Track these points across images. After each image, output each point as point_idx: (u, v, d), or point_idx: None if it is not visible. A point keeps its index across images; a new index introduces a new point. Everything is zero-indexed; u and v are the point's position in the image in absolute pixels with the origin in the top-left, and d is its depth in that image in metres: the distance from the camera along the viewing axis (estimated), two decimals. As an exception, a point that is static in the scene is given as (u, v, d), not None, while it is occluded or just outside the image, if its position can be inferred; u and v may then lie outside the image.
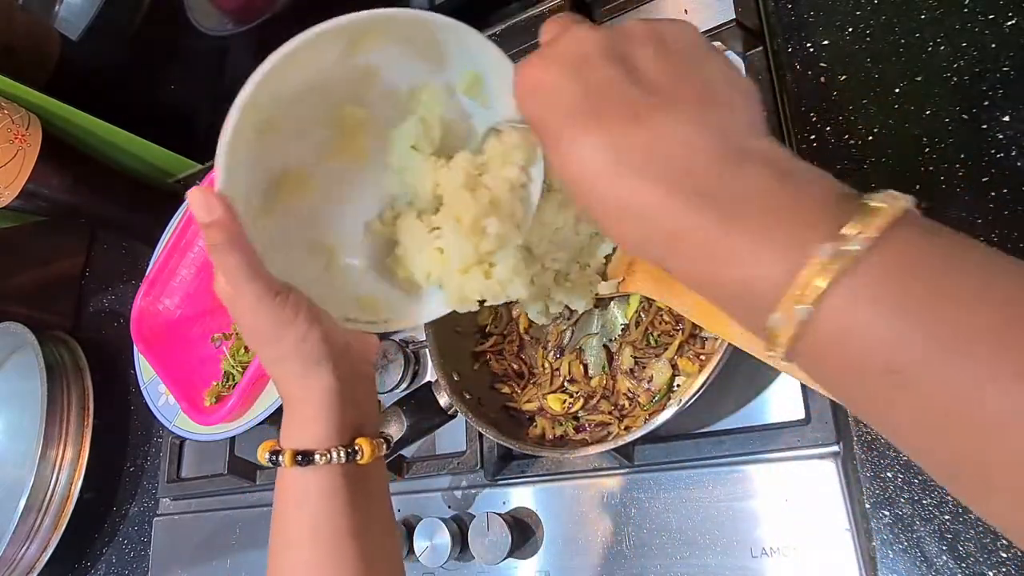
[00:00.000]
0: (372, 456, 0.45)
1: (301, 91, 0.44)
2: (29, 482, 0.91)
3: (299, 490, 0.45)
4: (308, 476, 0.44)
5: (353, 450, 0.44)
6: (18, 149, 0.90)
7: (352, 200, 0.50)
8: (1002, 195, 0.54)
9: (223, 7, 0.96)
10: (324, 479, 0.44)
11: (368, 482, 0.46)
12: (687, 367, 0.61)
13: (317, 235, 0.50)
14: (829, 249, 0.25)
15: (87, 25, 0.98)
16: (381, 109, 0.48)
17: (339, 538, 0.44)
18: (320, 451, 0.44)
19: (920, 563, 0.52)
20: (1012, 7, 0.57)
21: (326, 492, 0.44)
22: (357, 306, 0.49)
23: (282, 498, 0.46)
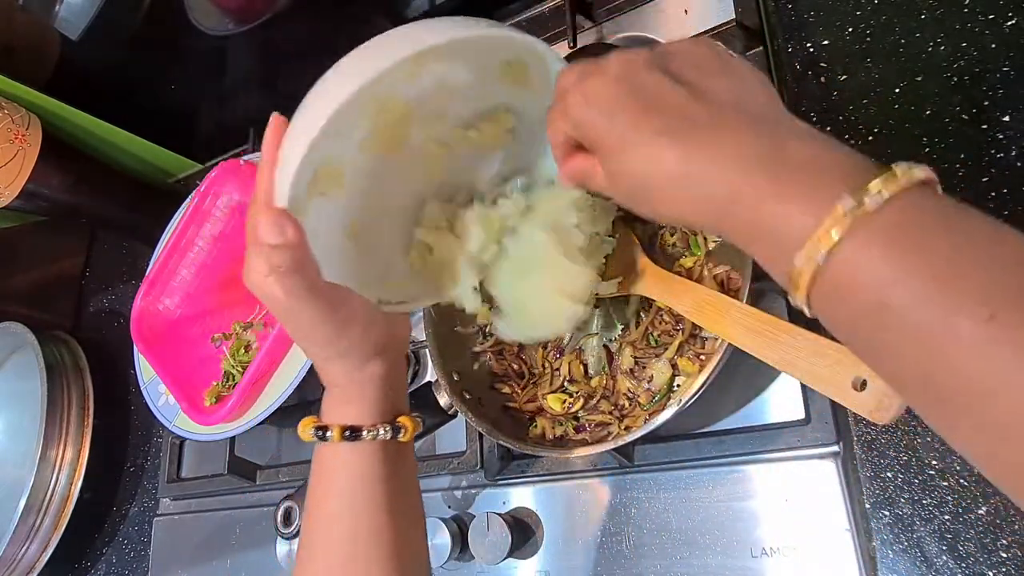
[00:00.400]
0: (413, 433, 0.48)
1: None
2: (29, 482, 0.91)
3: (340, 465, 0.47)
4: (352, 451, 0.46)
5: (397, 427, 0.47)
6: (18, 149, 0.90)
7: (386, 189, 0.51)
8: (1002, 195, 0.54)
9: (223, 7, 0.96)
10: (367, 455, 0.46)
11: (405, 460, 0.49)
12: (687, 367, 0.61)
13: (351, 224, 0.50)
14: (850, 202, 0.29)
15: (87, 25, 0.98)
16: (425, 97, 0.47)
17: (378, 512, 0.46)
18: (367, 427, 0.46)
19: (920, 563, 0.52)
20: (1012, 7, 0.57)
21: (368, 467, 0.46)
22: (386, 287, 0.51)
23: (323, 474, 0.48)
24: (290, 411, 0.84)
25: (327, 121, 0.40)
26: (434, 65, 0.44)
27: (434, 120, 0.49)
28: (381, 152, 0.48)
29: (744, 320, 0.52)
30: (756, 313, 0.52)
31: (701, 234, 0.63)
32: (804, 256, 0.31)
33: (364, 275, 0.50)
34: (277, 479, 0.85)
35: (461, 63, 0.45)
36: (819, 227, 0.30)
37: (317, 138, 0.40)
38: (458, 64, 0.45)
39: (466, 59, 0.45)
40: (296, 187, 0.42)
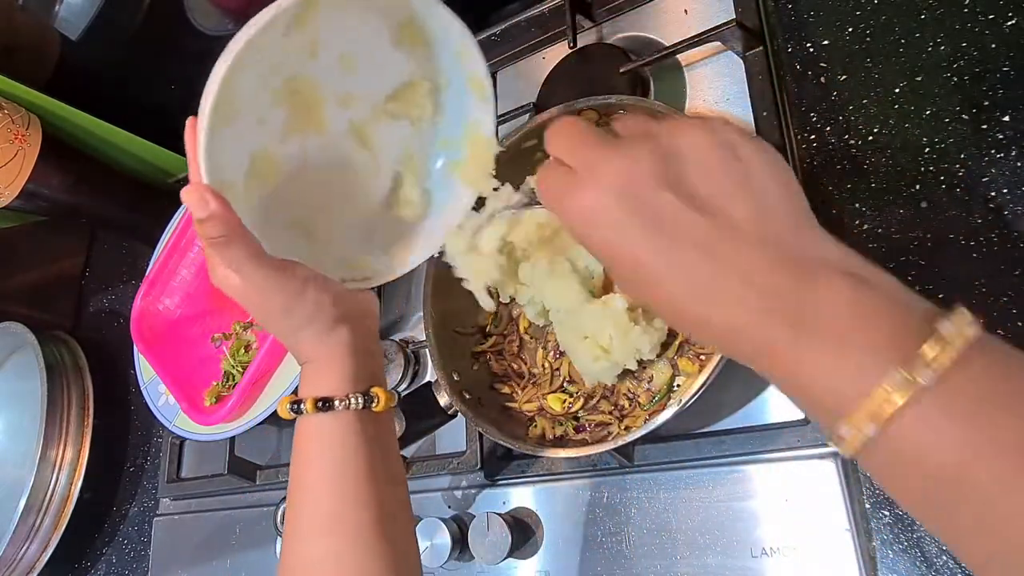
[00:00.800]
0: (387, 403, 0.48)
1: (253, 78, 0.46)
2: (29, 482, 0.91)
3: (318, 436, 0.47)
4: (327, 422, 0.47)
5: (370, 396, 0.47)
6: (18, 149, 0.90)
7: (323, 171, 0.52)
8: (1002, 195, 0.54)
9: (223, 7, 0.96)
10: (343, 424, 0.47)
11: (381, 430, 0.49)
12: (687, 367, 0.61)
13: (298, 210, 0.52)
14: (901, 376, 0.27)
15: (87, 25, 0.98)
16: (332, 76, 0.49)
17: (357, 481, 0.46)
18: (340, 397, 0.47)
19: (920, 563, 0.52)
20: (1012, 7, 0.57)
21: (344, 437, 0.47)
22: (347, 267, 0.52)
23: (301, 446, 0.48)
24: (290, 411, 0.84)
25: (217, 89, 0.42)
26: (321, 32, 0.46)
27: (348, 99, 0.50)
28: (304, 135, 0.50)
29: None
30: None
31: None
32: (852, 427, 0.29)
33: (320, 258, 0.51)
34: (277, 479, 0.85)
35: (350, 28, 0.46)
36: (867, 399, 0.28)
37: (214, 106, 0.42)
38: (347, 27, 0.46)
39: (350, 23, 0.46)
40: (210, 160, 0.43)
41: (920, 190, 0.57)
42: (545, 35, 0.81)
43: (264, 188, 0.49)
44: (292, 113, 0.49)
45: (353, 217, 0.54)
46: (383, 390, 0.48)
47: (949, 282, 0.55)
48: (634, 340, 0.58)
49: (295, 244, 0.50)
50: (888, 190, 0.59)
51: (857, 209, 0.60)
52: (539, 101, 0.76)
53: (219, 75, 0.41)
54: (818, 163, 0.62)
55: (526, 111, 0.76)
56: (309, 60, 0.47)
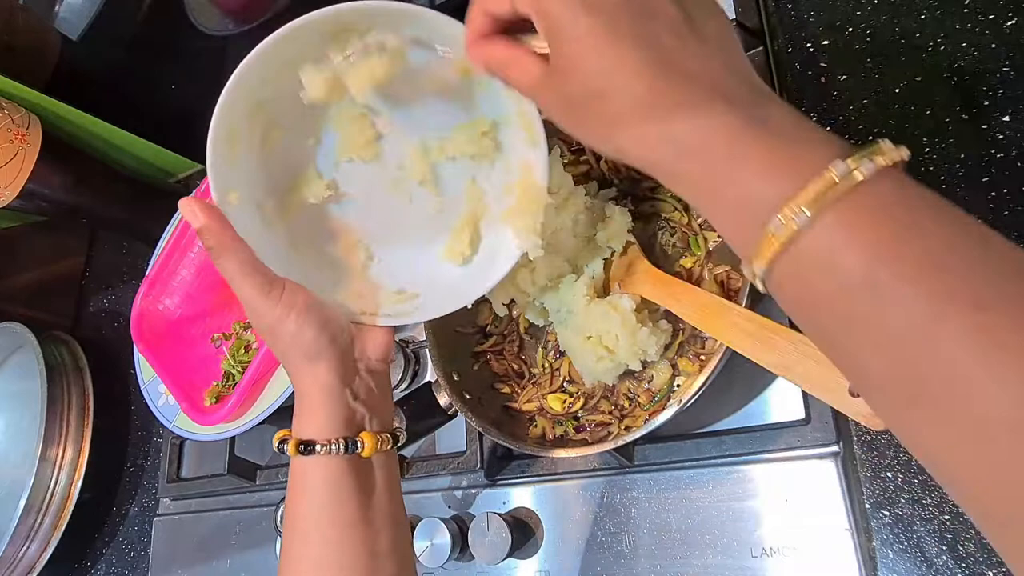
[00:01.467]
0: (373, 450, 0.47)
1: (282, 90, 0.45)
2: (29, 482, 0.91)
3: (306, 478, 0.46)
4: (311, 465, 0.46)
5: (354, 443, 0.46)
6: (18, 149, 0.90)
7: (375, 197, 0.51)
8: (1002, 195, 0.54)
9: (223, 7, 0.97)
10: (327, 469, 0.46)
11: (372, 475, 0.48)
12: (687, 367, 0.61)
13: (333, 234, 0.51)
14: (841, 168, 0.28)
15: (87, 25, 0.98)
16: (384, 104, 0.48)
17: (343, 528, 0.45)
18: (321, 442, 0.45)
19: (920, 563, 0.52)
20: (1012, 7, 0.57)
21: (329, 482, 0.46)
22: (365, 301, 0.51)
23: (291, 484, 0.48)
24: (290, 411, 0.84)
25: (213, 132, 0.43)
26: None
27: (407, 132, 0.50)
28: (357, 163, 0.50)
29: (742, 324, 0.52)
30: (754, 317, 0.52)
31: (701, 234, 0.63)
32: (780, 221, 0.28)
33: (340, 285, 0.50)
34: (277, 479, 0.85)
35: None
36: (803, 191, 0.28)
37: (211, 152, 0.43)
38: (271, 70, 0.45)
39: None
40: (218, 181, 0.44)
41: (920, 190, 0.57)
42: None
43: (306, 205, 0.49)
44: (344, 138, 0.48)
45: (392, 251, 0.53)
46: (371, 435, 0.46)
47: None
48: (641, 341, 0.58)
49: (315, 269, 0.50)
50: (888, 190, 0.59)
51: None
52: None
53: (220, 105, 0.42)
54: (818, 163, 0.62)
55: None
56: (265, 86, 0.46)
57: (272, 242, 0.48)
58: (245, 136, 0.46)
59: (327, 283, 0.50)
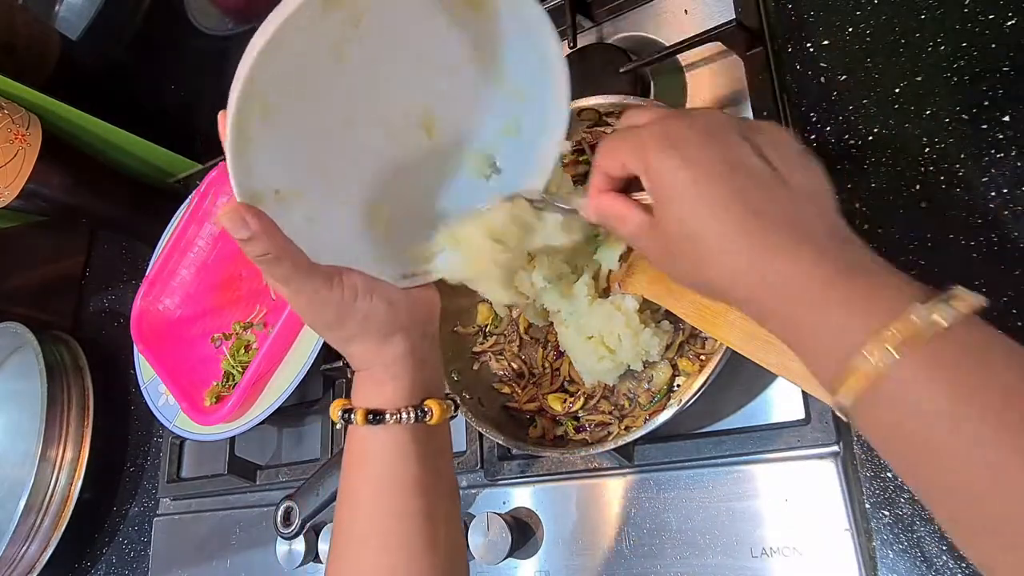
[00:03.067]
0: (441, 417, 0.47)
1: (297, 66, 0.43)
2: (29, 482, 0.91)
3: (369, 448, 0.46)
4: (378, 435, 0.46)
5: (423, 411, 0.46)
6: (18, 149, 0.90)
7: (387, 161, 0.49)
8: (1002, 195, 0.54)
9: (223, 7, 0.97)
10: (394, 438, 0.46)
11: (434, 441, 0.48)
12: (687, 367, 0.61)
13: (359, 199, 0.49)
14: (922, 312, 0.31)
15: (87, 25, 0.98)
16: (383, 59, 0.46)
17: (406, 494, 0.45)
18: (391, 411, 0.45)
19: (920, 563, 0.52)
20: (1012, 7, 0.57)
21: (395, 450, 0.46)
22: (410, 260, 0.50)
23: (352, 456, 0.47)
24: (290, 411, 0.84)
25: (236, 101, 0.40)
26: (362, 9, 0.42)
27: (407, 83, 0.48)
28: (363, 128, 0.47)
29: (741, 324, 0.52)
30: (755, 316, 0.52)
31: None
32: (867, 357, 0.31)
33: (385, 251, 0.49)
34: (277, 479, 0.85)
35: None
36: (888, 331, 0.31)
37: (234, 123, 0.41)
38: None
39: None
40: (241, 182, 0.42)
41: (920, 190, 0.57)
42: (545, 35, 0.81)
43: (323, 180, 0.47)
44: (348, 105, 0.46)
45: (419, 206, 0.51)
46: (437, 402, 0.47)
47: (949, 282, 0.54)
48: (645, 342, 0.58)
49: (354, 239, 0.48)
50: (888, 190, 0.59)
51: (857, 209, 0.59)
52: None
53: (240, 75, 0.40)
54: (818, 163, 0.62)
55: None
56: (355, 41, 0.44)
57: (301, 230, 0.45)
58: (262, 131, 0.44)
59: (363, 255, 0.49)
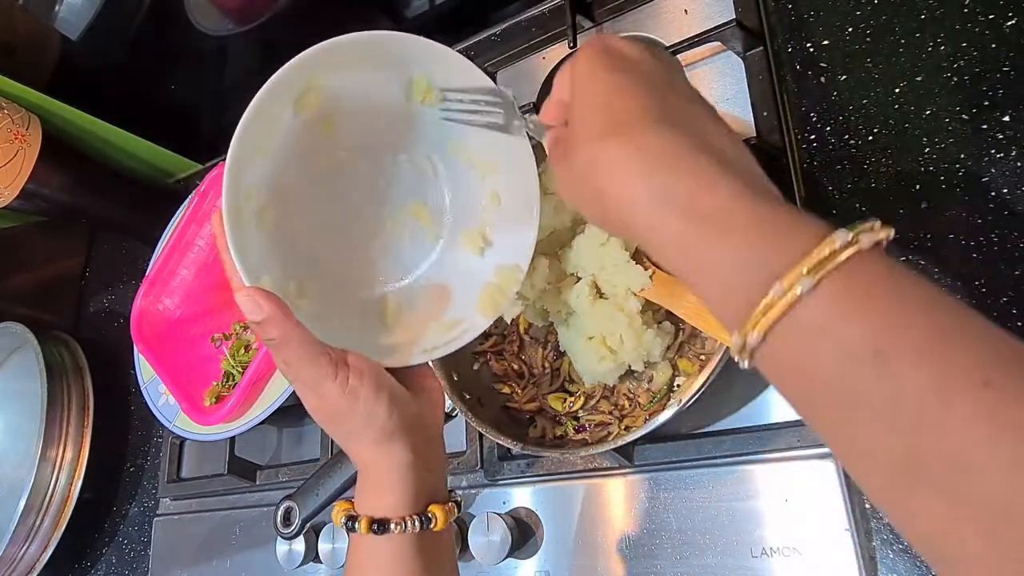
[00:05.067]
0: (445, 522, 0.46)
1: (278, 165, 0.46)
2: (29, 482, 0.91)
3: (374, 556, 0.45)
4: (383, 543, 0.45)
5: (427, 518, 0.45)
6: (18, 149, 0.90)
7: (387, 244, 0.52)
8: (1002, 195, 0.54)
9: (223, 7, 0.96)
10: (399, 546, 0.45)
11: (438, 545, 0.47)
12: (687, 367, 0.61)
13: (362, 292, 0.51)
14: (844, 237, 0.28)
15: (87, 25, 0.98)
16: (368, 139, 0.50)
17: None
18: (395, 520, 0.44)
19: (920, 563, 0.52)
20: (1012, 7, 0.57)
21: (400, 558, 0.45)
22: (419, 340, 0.50)
23: (357, 562, 0.46)
24: (290, 411, 0.84)
25: (227, 205, 0.43)
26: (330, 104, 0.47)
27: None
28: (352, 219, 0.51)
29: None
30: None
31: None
32: (781, 287, 0.28)
33: (393, 337, 0.50)
34: (277, 479, 0.85)
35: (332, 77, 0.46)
36: (806, 256, 0.28)
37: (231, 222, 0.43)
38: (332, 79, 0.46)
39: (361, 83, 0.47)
40: (246, 267, 0.43)
41: (920, 190, 0.57)
42: (545, 35, 0.81)
43: (323, 274, 0.49)
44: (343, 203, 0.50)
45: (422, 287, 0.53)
46: (441, 507, 0.46)
47: (949, 282, 0.55)
48: (647, 342, 0.58)
49: (360, 329, 0.49)
50: (888, 190, 0.59)
51: (857, 209, 0.59)
52: (539, 101, 0.76)
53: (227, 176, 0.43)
54: (818, 163, 0.62)
55: (526, 111, 0.75)
56: (325, 139, 0.48)
57: (315, 311, 0.47)
58: (254, 208, 0.46)
59: (375, 344, 0.49)
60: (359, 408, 0.43)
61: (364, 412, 0.43)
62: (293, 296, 0.47)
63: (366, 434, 0.44)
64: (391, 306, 0.52)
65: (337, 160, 0.49)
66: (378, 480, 0.45)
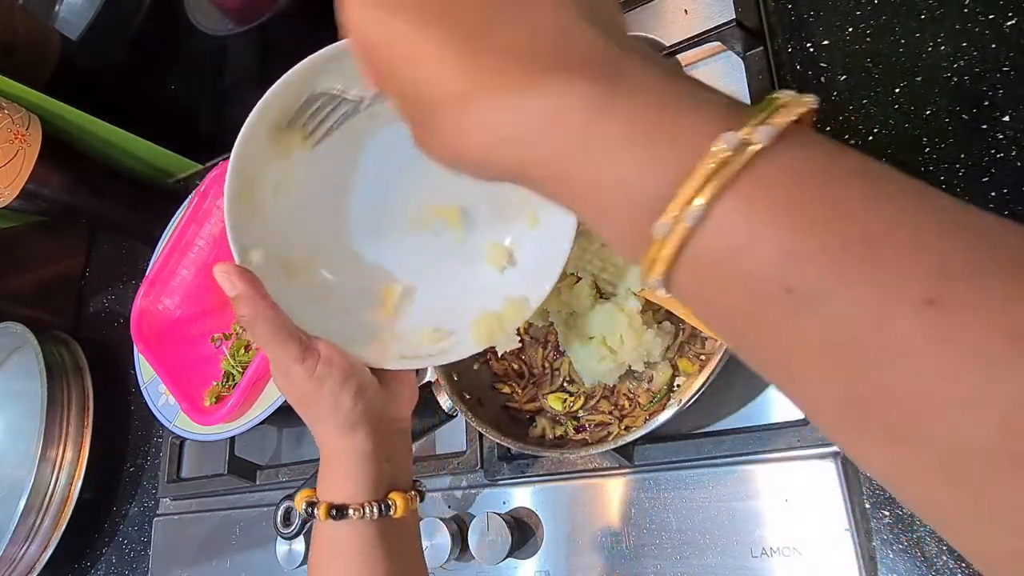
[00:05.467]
0: (405, 510, 0.46)
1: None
2: (29, 482, 0.91)
3: (334, 542, 0.45)
4: (343, 529, 0.45)
5: (387, 505, 0.45)
6: (18, 149, 0.90)
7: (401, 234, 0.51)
8: (1002, 195, 0.54)
9: (223, 7, 0.96)
10: (358, 532, 0.45)
11: (401, 532, 0.47)
12: (687, 367, 0.61)
13: (365, 279, 0.50)
14: (733, 140, 0.22)
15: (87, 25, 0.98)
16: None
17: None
18: (354, 506, 0.44)
19: (920, 563, 0.52)
20: (1012, 7, 0.57)
21: (360, 544, 0.45)
22: (432, 338, 0.50)
23: (318, 548, 0.47)
24: (290, 411, 0.83)
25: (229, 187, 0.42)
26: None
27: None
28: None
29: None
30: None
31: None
32: (666, 222, 0.22)
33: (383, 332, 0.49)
34: (277, 479, 0.85)
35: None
36: (688, 178, 0.22)
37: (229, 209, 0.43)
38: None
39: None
40: (238, 242, 0.44)
41: (920, 190, 0.57)
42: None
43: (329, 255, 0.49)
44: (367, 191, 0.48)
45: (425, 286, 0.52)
46: (401, 495, 0.46)
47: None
48: (647, 342, 0.58)
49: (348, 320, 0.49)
50: (888, 190, 0.59)
51: (857, 209, 0.59)
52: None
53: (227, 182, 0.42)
54: (818, 163, 0.62)
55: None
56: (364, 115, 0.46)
57: (301, 298, 0.47)
58: (263, 186, 0.46)
59: (362, 332, 0.49)
60: (324, 395, 0.44)
61: (329, 400, 0.44)
62: (282, 276, 0.46)
63: (331, 420, 0.45)
64: (390, 299, 0.51)
65: (372, 139, 0.48)
66: (338, 467, 0.46)
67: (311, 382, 0.43)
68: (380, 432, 0.46)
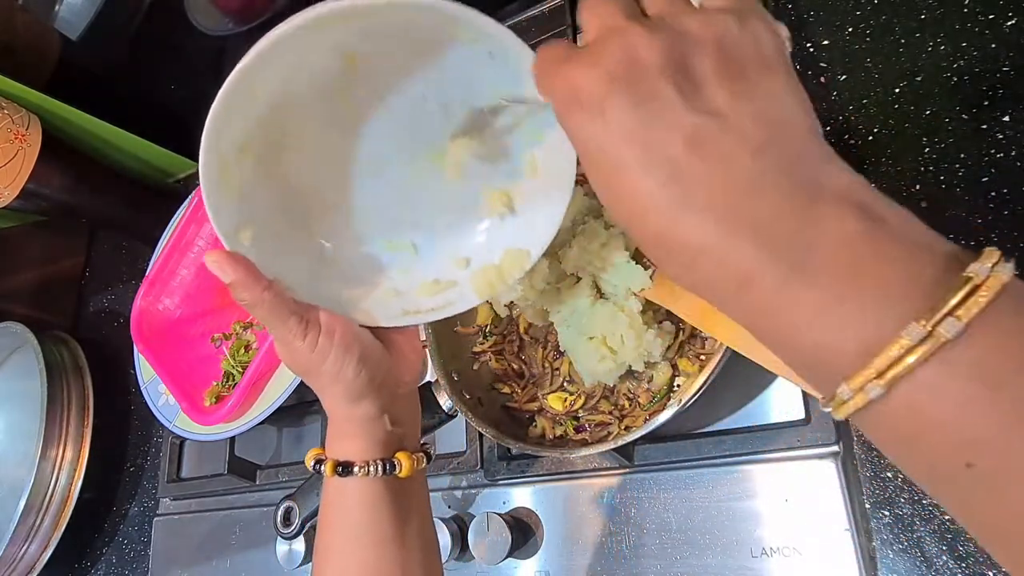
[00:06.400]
0: (410, 470, 0.47)
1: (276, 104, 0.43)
2: (29, 482, 0.91)
3: (341, 498, 0.46)
4: (349, 486, 0.46)
5: (392, 464, 0.46)
6: (18, 149, 0.90)
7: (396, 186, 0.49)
8: (1002, 195, 0.54)
9: (223, 7, 0.96)
10: (364, 489, 0.46)
11: (407, 492, 0.48)
12: (687, 367, 0.61)
13: (364, 237, 0.49)
14: (918, 330, 0.23)
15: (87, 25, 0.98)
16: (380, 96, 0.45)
17: (379, 545, 0.46)
18: (359, 463, 0.45)
19: (920, 563, 0.52)
20: (1012, 7, 0.57)
21: (366, 501, 0.46)
22: (432, 289, 0.50)
23: (325, 505, 0.48)
24: (290, 411, 0.85)
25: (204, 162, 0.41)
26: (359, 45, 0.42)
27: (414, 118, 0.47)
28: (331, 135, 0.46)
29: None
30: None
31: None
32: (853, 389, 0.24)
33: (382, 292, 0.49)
34: (277, 479, 0.85)
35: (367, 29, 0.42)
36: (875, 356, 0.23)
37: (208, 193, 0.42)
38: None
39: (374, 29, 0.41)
40: (223, 228, 0.43)
41: (920, 190, 0.57)
42: (545, 35, 0.81)
43: (314, 225, 0.48)
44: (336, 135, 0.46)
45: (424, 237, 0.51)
46: (407, 455, 0.46)
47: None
48: (648, 342, 0.58)
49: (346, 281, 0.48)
50: (888, 190, 0.59)
51: (857, 209, 0.59)
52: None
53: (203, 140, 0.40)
54: (818, 163, 0.62)
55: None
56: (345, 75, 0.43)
57: (296, 266, 0.46)
58: (242, 163, 0.44)
59: (361, 292, 0.48)
60: (328, 367, 0.44)
61: (333, 371, 0.44)
62: (275, 247, 0.46)
63: (335, 389, 0.45)
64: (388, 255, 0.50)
65: (355, 98, 0.45)
66: (347, 430, 0.47)
67: (314, 355, 0.44)
68: (384, 400, 0.47)
